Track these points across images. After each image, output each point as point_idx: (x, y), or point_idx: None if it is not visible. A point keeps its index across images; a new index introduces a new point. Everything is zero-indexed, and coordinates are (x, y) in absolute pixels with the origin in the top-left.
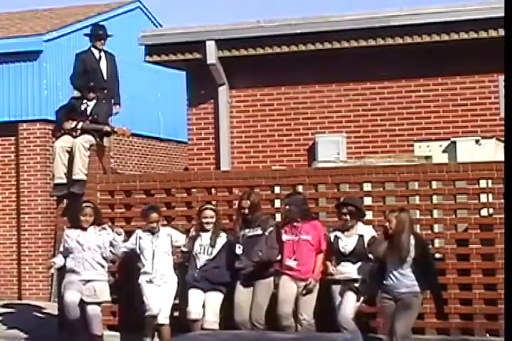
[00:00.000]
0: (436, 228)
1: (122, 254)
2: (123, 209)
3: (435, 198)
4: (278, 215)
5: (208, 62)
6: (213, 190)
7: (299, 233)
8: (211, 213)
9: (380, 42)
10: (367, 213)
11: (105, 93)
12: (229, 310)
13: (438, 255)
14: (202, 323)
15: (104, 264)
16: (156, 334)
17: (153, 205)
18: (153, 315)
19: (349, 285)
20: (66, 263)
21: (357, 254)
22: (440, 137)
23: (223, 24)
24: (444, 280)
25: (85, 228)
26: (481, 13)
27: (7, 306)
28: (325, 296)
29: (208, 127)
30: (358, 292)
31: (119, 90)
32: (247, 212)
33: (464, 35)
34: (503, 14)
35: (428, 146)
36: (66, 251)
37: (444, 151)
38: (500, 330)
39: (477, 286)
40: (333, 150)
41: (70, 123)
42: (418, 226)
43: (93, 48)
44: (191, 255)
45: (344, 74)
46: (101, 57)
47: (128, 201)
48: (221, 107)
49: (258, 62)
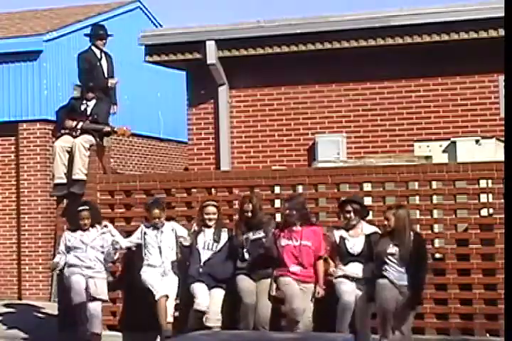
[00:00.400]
0: (436, 228)
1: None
2: (123, 209)
3: (435, 198)
4: (278, 215)
5: (208, 62)
6: (213, 190)
7: (300, 238)
8: (213, 209)
9: (380, 42)
10: None
11: (104, 93)
12: (230, 306)
13: (438, 255)
14: (204, 320)
15: (104, 263)
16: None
17: (156, 200)
18: (164, 295)
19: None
20: (67, 260)
21: (366, 254)
22: (440, 137)
23: (223, 24)
24: (444, 280)
25: (86, 229)
26: (481, 13)
27: (7, 306)
28: (325, 296)
29: (208, 127)
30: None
31: (116, 90)
32: (250, 216)
33: (464, 35)
34: (503, 14)
35: (428, 146)
36: (68, 249)
37: (444, 151)
38: (500, 330)
39: (477, 286)
40: (333, 150)
41: (70, 123)
42: (418, 226)
43: (94, 48)
44: (194, 250)
45: (344, 74)
46: (101, 56)
47: (128, 201)
48: (221, 107)
49: (258, 62)
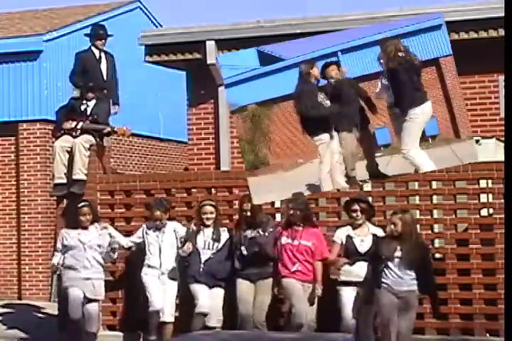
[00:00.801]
0: (436, 228)
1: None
2: (123, 209)
3: (435, 198)
4: (278, 215)
5: (208, 62)
6: (213, 190)
7: (300, 238)
8: (211, 209)
9: None
10: None
11: (104, 93)
12: (229, 305)
13: (438, 255)
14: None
15: (102, 263)
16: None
17: (160, 201)
18: (156, 311)
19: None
20: (65, 260)
21: (371, 254)
22: None
23: (223, 24)
24: (444, 280)
25: (85, 227)
26: (481, 13)
27: (7, 306)
28: (325, 296)
29: (208, 127)
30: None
31: (118, 90)
32: (249, 215)
33: (464, 35)
34: (503, 14)
35: None
36: (65, 249)
37: None
38: (500, 330)
39: (477, 286)
40: None
41: (70, 123)
42: (418, 226)
43: (93, 48)
44: (194, 250)
45: None
46: (101, 57)
47: (128, 201)
48: (221, 107)
49: None
